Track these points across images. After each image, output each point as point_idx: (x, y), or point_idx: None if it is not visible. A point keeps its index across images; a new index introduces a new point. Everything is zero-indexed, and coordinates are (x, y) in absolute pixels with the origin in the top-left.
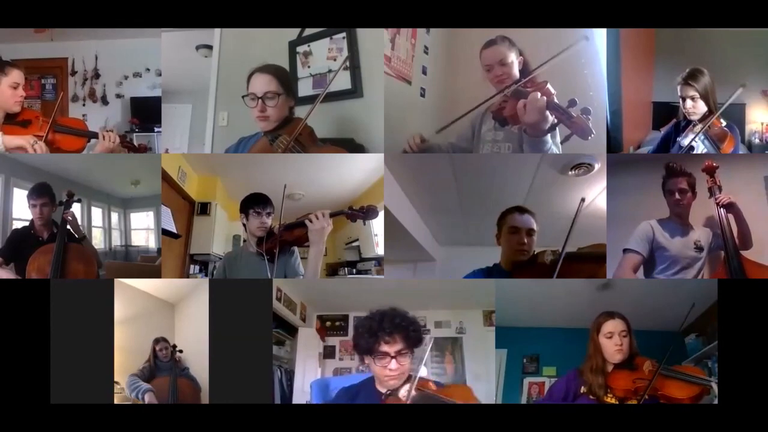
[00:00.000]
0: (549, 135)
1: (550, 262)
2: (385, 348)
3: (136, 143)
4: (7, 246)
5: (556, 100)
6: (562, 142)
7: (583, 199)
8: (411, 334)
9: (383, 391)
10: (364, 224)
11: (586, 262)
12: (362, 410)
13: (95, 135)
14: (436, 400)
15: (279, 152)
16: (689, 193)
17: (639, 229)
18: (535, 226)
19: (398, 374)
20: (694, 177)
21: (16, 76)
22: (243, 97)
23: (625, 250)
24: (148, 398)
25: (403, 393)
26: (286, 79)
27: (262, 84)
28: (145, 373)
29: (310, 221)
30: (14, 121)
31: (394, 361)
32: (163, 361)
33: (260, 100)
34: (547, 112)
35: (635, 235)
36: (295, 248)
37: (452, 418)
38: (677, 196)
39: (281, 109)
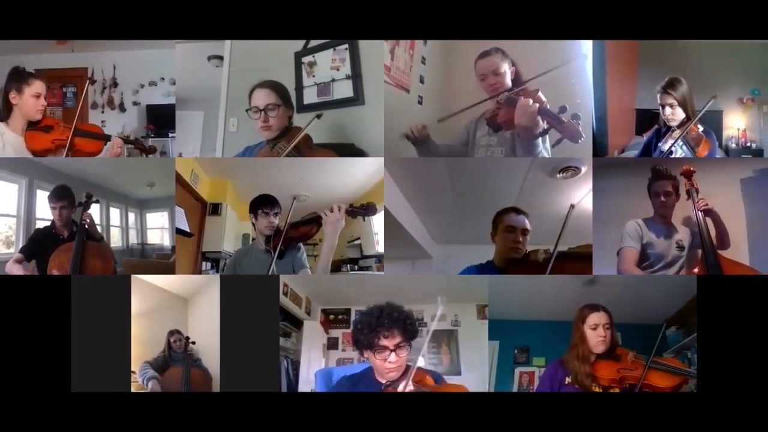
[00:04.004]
0: (540, 139)
1: (542, 260)
2: (384, 342)
3: (148, 146)
4: (29, 244)
5: (548, 107)
6: (553, 146)
7: (572, 205)
8: (408, 327)
9: (383, 381)
10: (364, 220)
11: (575, 261)
12: (363, 398)
13: (110, 138)
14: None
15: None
16: (673, 195)
17: (628, 227)
18: (528, 226)
19: (397, 366)
20: (678, 180)
21: (38, 86)
22: (246, 110)
23: (621, 249)
24: (152, 385)
25: (401, 388)
26: (284, 92)
27: (263, 97)
28: (159, 362)
29: (326, 214)
30: (37, 127)
31: (393, 354)
32: (177, 352)
33: (262, 112)
34: (539, 118)
35: (626, 233)
36: (301, 244)
37: (448, 406)
38: (662, 198)
39: (281, 118)
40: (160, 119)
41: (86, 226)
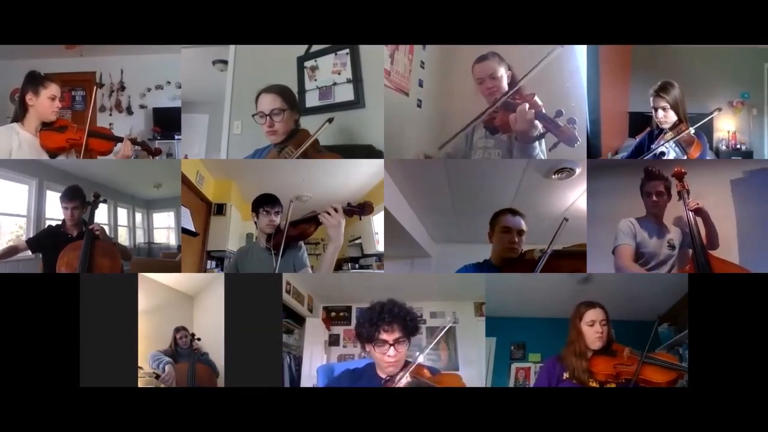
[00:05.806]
0: (537, 142)
1: (537, 260)
2: (384, 336)
3: (154, 148)
4: (35, 237)
5: (544, 111)
6: (550, 149)
7: (566, 219)
8: (408, 323)
9: (383, 376)
10: (360, 219)
11: (570, 259)
12: (363, 393)
13: (121, 139)
14: (428, 386)
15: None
16: (665, 195)
17: (622, 225)
18: (524, 227)
19: (396, 361)
20: (670, 181)
21: (53, 89)
22: (253, 115)
23: (616, 247)
24: (168, 369)
25: (398, 379)
26: (290, 96)
27: (268, 102)
28: (168, 355)
29: (325, 217)
30: (52, 128)
31: (392, 348)
32: (183, 348)
33: (268, 117)
34: (536, 122)
35: (620, 231)
36: (302, 243)
37: (446, 401)
38: (654, 198)
39: (287, 122)
40: (167, 122)
41: (97, 235)
